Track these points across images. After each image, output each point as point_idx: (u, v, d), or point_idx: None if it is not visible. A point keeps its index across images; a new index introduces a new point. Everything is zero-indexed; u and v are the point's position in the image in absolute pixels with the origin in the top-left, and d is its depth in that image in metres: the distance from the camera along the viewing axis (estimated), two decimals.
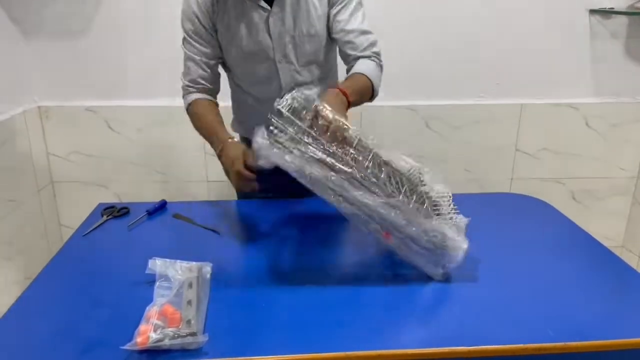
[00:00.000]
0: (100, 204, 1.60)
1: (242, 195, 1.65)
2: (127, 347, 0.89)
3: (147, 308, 0.97)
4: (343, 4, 1.44)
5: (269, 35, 1.43)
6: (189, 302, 0.98)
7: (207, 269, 1.14)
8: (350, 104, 1.30)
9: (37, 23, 2.11)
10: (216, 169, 2.32)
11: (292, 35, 1.43)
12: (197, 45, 1.45)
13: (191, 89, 1.49)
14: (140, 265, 1.10)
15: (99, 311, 1.03)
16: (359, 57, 1.45)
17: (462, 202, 1.37)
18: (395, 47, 2.19)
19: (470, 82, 2.28)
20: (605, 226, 2.47)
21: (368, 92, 1.42)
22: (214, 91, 1.53)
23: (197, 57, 1.46)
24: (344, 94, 1.29)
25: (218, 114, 1.49)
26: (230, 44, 1.45)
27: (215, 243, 1.34)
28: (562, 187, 2.46)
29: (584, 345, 0.95)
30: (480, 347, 0.93)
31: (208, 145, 2.21)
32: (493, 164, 2.40)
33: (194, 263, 1.13)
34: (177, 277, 1.06)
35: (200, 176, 2.36)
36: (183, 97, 1.52)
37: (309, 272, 1.19)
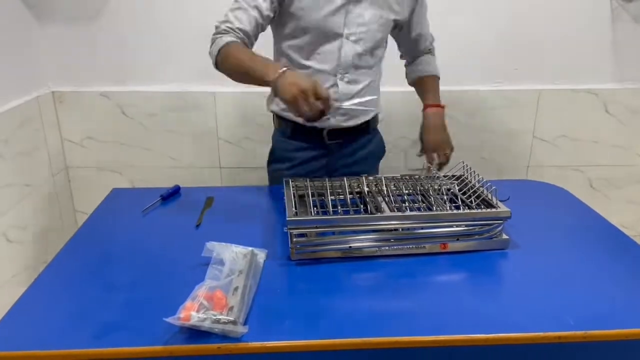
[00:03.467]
0: (114, 189, 1.60)
1: (274, 181, 1.65)
2: (170, 320, 0.90)
3: (197, 287, 0.98)
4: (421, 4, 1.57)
5: (346, 14, 1.42)
6: (236, 289, 0.98)
7: (262, 255, 1.15)
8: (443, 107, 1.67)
9: (51, 8, 2.10)
10: (229, 155, 2.33)
11: (369, 17, 1.44)
12: (255, 1, 1.37)
13: (227, 32, 1.37)
14: (155, 248, 1.09)
15: (113, 295, 1.03)
16: (424, 52, 1.69)
17: None
18: None
19: (487, 68, 2.24)
20: (623, 215, 2.44)
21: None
22: (249, 46, 1.42)
23: (250, 10, 1.37)
24: (441, 107, 1.67)
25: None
26: (303, 10, 1.41)
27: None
28: (580, 175, 2.42)
29: (605, 334, 0.94)
30: (499, 334, 0.92)
31: (221, 131, 2.26)
32: (510, 151, 2.37)
33: (249, 248, 1.13)
34: (230, 261, 1.07)
35: (213, 162, 2.35)
36: (212, 42, 1.38)
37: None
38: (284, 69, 1.21)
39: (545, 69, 2.25)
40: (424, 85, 1.69)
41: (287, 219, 1.16)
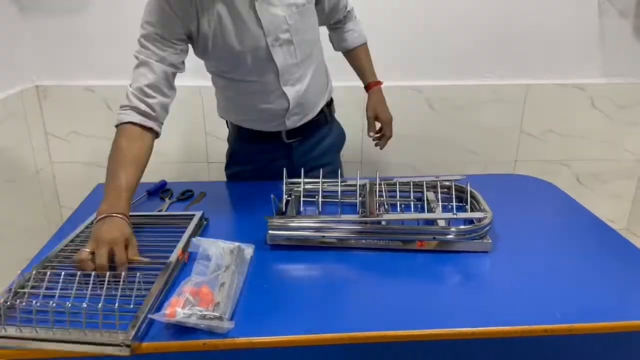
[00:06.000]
0: (99, 185, 1.58)
1: (231, 175, 1.66)
2: (155, 316, 0.89)
3: (183, 282, 0.97)
4: None
5: (260, 24, 1.31)
6: (222, 285, 0.97)
7: (249, 250, 1.14)
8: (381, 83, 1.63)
9: (35, 0, 2.07)
10: (217, 150, 2.31)
11: (284, 16, 1.33)
12: (160, 50, 1.27)
13: (131, 104, 1.25)
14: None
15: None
16: (341, 20, 1.60)
17: (466, 183, 1.37)
18: (399, 27, 2.15)
19: (475, 62, 2.24)
20: (610, 209, 2.46)
21: None
22: (159, 107, 1.28)
23: (155, 64, 1.26)
24: (380, 83, 1.62)
25: (144, 164, 1.25)
26: (216, 43, 1.32)
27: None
28: (567, 170, 2.43)
29: (591, 327, 0.94)
30: (486, 328, 0.92)
31: (209, 126, 2.25)
32: (497, 146, 2.38)
33: (236, 243, 1.12)
34: (216, 256, 1.06)
35: (201, 157, 2.33)
36: (120, 110, 1.27)
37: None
38: (103, 215, 1.09)
39: (533, 64, 2.26)
40: (358, 60, 1.65)
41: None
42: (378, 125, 1.61)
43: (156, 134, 1.30)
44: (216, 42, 1.32)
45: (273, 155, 1.58)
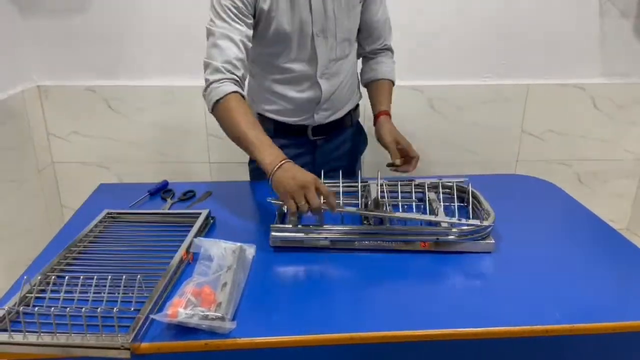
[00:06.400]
0: (101, 185, 1.59)
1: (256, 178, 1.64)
2: (157, 316, 0.90)
3: (184, 283, 0.97)
4: None
5: (310, 8, 1.37)
6: (224, 285, 0.97)
7: (251, 250, 1.14)
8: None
9: (35, 1, 2.07)
10: (218, 151, 2.32)
11: (333, 8, 1.39)
12: (237, 24, 1.31)
13: (226, 75, 1.29)
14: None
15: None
16: (379, 51, 1.60)
17: (467, 183, 1.37)
18: (400, 27, 2.15)
19: (475, 62, 2.24)
20: (610, 209, 2.46)
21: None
22: (244, 82, 1.37)
23: (237, 37, 1.30)
24: (389, 115, 1.54)
25: (254, 115, 1.35)
26: (268, 22, 1.37)
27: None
28: (568, 169, 2.43)
29: (591, 327, 0.94)
30: (487, 328, 0.92)
31: (210, 126, 2.25)
32: (498, 146, 2.38)
33: (238, 244, 1.12)
34: (218, 257, 1.06)
35: (202, 157, 2.34)
36: (209, 85, 1.30)
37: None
38: (282, 161, 1.17)
39: (534, 64, 2.26)
40: (380, 88, 1.59)
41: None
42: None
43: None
44: (269, 18, 1.35)
45: (297, 151, 1.57)
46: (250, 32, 1.35)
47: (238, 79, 1.31)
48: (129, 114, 2.25)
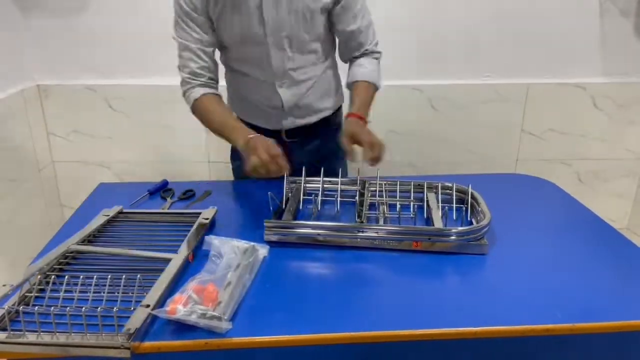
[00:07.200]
0: (101, 184, 1.59)
1: (239, 175, 1.64)
2: (156, 312, 0.90)
3: (190, 279, 0.98)
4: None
5: (263, 21, 1.36)
6: (228, 284, 0.97)
7: (263, 251, 1.14)
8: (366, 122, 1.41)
9: (36, 0, 2.07)
10: (217, 150, 2.32)
11: (289, 20, 1.37)
12: (193, 32, 1.38)
13: (193, 83, 1.41)
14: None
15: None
16: (360, 56, 1.53)
17: (467, 182, 1.37)
18: (400, 27, 2.15)
19: (475, 62, 2.24)
20: (610, 208, 2.46)
21: (374, 96, 1.51)
22: (215, 82, 1.46)
23: (194, 46, 1.39)
24: (362, 119, 1.39)
25: (227, 107, 1.47)
26: (223, 30, 1.40)
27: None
28: (568, 169, 2.43)
29: (592, 326, 0.94)
30: (487, 327, 0.92)
31: None
32: (498, 145, 2.37)
33: (251, 243, 1.13)
34: (228, 255, 1.06)
35: (202, 156, 2.34)
36: (184, 93, 1.44)
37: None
38: (250, 136, 1.27)
39: (534, 63, 2.26)
40: (355, 90, 1.49)
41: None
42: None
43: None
44: (219, 28, 1.39)
45: None
46: (207, 36, 1.40)
47: (204, 83, 1.42)
48: (129, 113, 2.25)
